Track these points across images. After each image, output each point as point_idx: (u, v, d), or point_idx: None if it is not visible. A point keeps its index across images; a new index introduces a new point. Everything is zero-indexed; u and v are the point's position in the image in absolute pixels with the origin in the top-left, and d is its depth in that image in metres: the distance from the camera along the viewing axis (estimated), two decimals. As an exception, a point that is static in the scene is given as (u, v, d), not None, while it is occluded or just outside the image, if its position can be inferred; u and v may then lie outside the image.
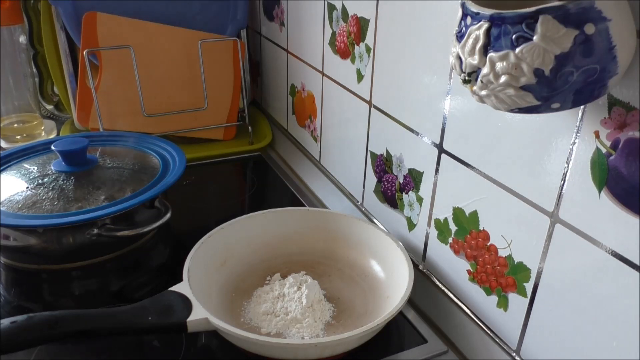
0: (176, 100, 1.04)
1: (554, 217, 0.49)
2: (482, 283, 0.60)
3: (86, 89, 0.99)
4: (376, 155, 0.78)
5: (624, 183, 0.42)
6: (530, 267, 0.53)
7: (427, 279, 0.70)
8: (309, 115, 0.99)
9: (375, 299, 0.68)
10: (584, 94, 0.38)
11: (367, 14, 0.74)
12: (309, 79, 0.96)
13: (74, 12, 0.97)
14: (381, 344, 0.62)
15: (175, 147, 0.86)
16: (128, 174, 0.79)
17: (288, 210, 0.78)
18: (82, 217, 0.69)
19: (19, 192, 0.74)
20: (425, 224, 0.69)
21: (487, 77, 0.39)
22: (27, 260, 0.73)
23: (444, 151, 0.63)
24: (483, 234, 0.59)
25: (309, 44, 0.94)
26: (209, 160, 1.06)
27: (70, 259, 0.73)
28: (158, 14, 1.02)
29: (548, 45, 0.36)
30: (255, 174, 1.07)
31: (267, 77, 1.18)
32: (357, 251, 0.75)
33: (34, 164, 0.80)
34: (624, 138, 0.42)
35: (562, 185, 0.48)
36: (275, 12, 1.06)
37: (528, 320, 0.55)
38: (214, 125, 1.09)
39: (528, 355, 0.55)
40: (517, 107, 0.40)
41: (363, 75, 0.77)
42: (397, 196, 0.74)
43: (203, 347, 0.62)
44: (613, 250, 0.44)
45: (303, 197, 0.95)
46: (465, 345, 0.64)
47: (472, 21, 0.39)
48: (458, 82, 0.50)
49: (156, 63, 1.01)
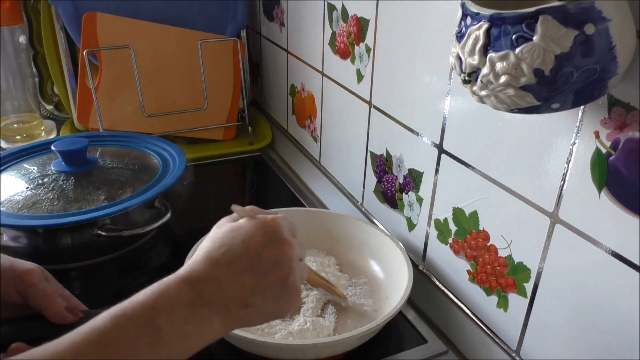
0: (176, 101, 1.04)
1: (554, 217, 0.49)
2: (482, 283, 0.60)
3: (86, 89, 0.99)
4: (376, 156, 0.78)
5: (624, 183, 0.42)
6: (530, 267, 0.53)
7: (427, 279, 0.70)
8: (309, 115, 0.99)
9: (375, 299, 0.68)
10: (584, 94, 0.38)
11: (367, 14, 0.74)
12: (309, 79, 0.96)
13: (74, 12, 0.97)
14: (381, 344, 0.62)
15: (175, 147, 0.86)
16: (128, 174, 0.79)
17: (288, 211, 0.78)
18: (82, 217, 0.69)
19: (19, 192, 0.74)
20: (425, 224, 0.69)
21: (487, 77, 0.39)
22: (27, 260, 0.73)
23: (444, 151, 0.63)
24: (483, 234, 0.59)
25: (309, 44, 0.94)
26: (209, 161, 1.06)
27: (70, 259, 0.73)
28: (158, 14, 1.02)
29: (548, 45, 0.36)
30: (255, 174, 1.07)
31: (267, 77, 1.18)
32: (356, 251, 0.75)
33: (34, 164, 0.80)
34: (624, 138, 0.42)
35: (562, 185, 0.48)
36: (275, 12, 1.06)
37: (528, 321, 0.55)
38: (214, 125, 1.09)
39: (528, 355, 0.55)
40: (517, 107, 0.40)
41: (363, 76, 0.77)
42: (397, 196, 0.74)
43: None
44: (613, 250, 0.44)
45: (303, 197, 0.95)
46: (465, 345, 0.64)
47: (472, 21, 0.39)
48: (458, 82, 0.50)
49: (156, 63, 1.01)
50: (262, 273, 0.43)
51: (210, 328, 0.41)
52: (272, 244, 0.44)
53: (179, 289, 0.41)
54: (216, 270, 0.42)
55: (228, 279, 0.42)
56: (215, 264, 0.43)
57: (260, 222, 0.45)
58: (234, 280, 0.42)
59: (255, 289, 0.43)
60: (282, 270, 0.44)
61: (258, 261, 0.43)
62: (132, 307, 0.39)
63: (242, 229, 0.45)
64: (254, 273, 0.43)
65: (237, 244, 0.44)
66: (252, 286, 0.43)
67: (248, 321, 0.44)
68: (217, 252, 0.43)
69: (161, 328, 0.38)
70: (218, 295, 0.42)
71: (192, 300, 0.41)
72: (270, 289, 0.44)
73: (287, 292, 0.45)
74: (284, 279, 0.44)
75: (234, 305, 0.42)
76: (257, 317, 0.44)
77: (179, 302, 0.40)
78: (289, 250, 0.45)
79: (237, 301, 0.42)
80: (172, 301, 0.40)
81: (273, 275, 0.44)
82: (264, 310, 0.44)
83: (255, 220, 0.46)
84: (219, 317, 0.42)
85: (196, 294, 0.41)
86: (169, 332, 0.39)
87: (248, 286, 0.43)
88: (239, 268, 0.43)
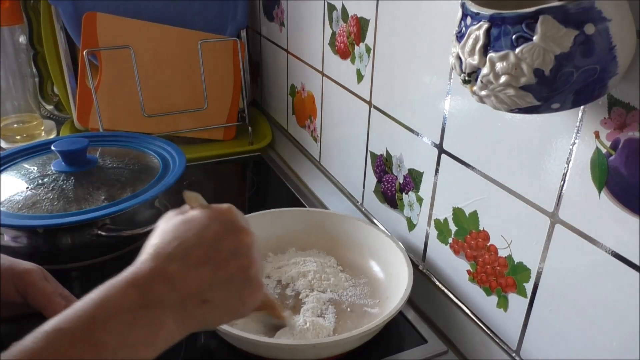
0: (176, 101, 1.04)
1: (554, 217, 0.49)
2: (482, 283, 0.60)
3: (86, 89, 0.99)
4: (376, 156, 0.78)
5: (624, 183, 0.42)
6: (530, 267, 0.53)
7: (427, 279, 0.70)
8: (309, 115, 0.99)
9: (375, 299, 0.68)
10: (584, 94, 0.38)
11: (367, 14, 0.74)
12: (309, 79, 0.96)
13: (74, 12, 0.97)
14: (381, 344, 0.62)
15: (175, 147, 0.86)
16: (128, 174, 0.79)
17: (288, 211, 0.78)
18: (82, 217, 0.69)
19: (19, 192, 0.74)
20: (425, 224, 0.69)
21: (487, 77, 0.39)
22: (27, 260, 0.73)
23: (444, 151, 0.63)
24: (483, 234, 0.59)
25: (309, 44, 0.94)
26: (209, 161, 1.06)
27: (70, 259, 0.73)
28: (158, 14, 1.02)
29: (548, 45, 0.36)
30: (255, 174, 1.07)
31: (267, 77, 1.18)
32: (356, 251, 0.75)
33: (34, 164, 0.80)
34: (623, 138, 0.42)
35: (562, 185, 0.48)
36: (275, 12, 1.06)
37: (528, 321, 0.55)
38: (214, 125, 1.09)
39: (528, 355, 0.55)
40: (517, 107, 0.40)
41: (363, 76, 0.77)
42: (397, 196, 0.74)
43: (202, 347, 0.62)
44: (613, 250, 0.44)
45: (303, 197, 0.95)
46: (465, 345, 0.64)
47: (472, 21, 0.39)
48: (458, 82, 0.50)
49: (156, 63, 1.01)
50: (221, 264, 0.40)
51: (164, 331, 0.38)
52: (229, 233, 0.41)
53: (122, 293, 0.37)
54: (167, 266, 0.39)
55: (182, 274, 0.39)
56: (165, 259, 0.39)
57: (215, 211, 0.42)
58: (189, 275, 0.39)
59: (214, 282, 0.39)
60: (242, 261, 0.41)
61: (215, 252, 0.40)
62: (68, 319, 0.34)
63: (195, 220, 0.41)
64: (211, 264, 0.40)
65: (191, 235, 0.40)
66: (210, 279, 0.39)
67: (208, 319, 0.41)
68: (167, 246, 0.40)
69: (104, 341, 0.34)
70: (170, 294, 0.38)
71: (139, 303, 0.37)
72: (231, 282, 0.40)
73: (249, 285, 0.41)
74: (244, 270, 0.41)
75: (190, 302, 0.39)
76: (218, 314, 0.41)
77: (123, 308, 0.36)
78: (248, 239, 0.42)
79: (194, 297, 0.39)
80: (115, 308, 0.36)
81: (232, 266, 0.40)
82: (225, 306, 0.41)
83: (208, 209, 0.42)
84: (173, 318, 0.38)
85: (142, 296, 0.37)
86: (113, 344, 0.35)
87: (205, 279, 0.39)
88: (194, 260, 0.39)
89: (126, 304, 0.37)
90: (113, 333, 0.35)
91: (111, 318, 0.36)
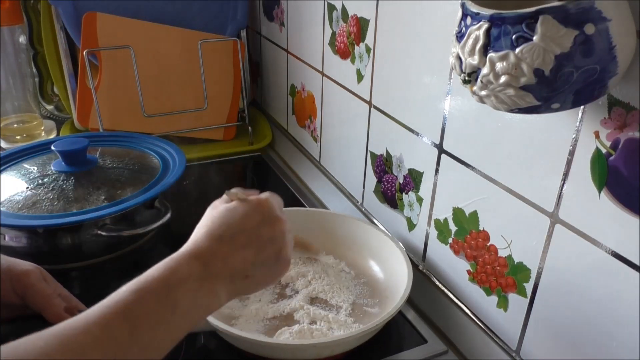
0: (176, 101, 1.04)
1: (554, 217, 0.49)
2: (482, 283, 0.60)
3: (86, 89, 0.99)
4: (376, 156, 0.78)
5: (624, 183, 0.42)
6: (530, 267, 0.53)
7: (427, 279, 0.70)
8: (309, 115, 0.99)
9: (375, 299, 0.68)
10: (584, 94, 0.38)
11: (367, 14, 0.74)
12: (309, 79, 0.96)
13: (74, 12, 0.97)
14: (381, 344, 0.62)
15: (175, 147, 0.86)
16: (128, 174, 0.79)
17: (288, 211, 0.78)
18: (82, 217, 0.69)
19: (19, 192, 0.74)
20: (425, 224, 0.69)
21: (487, 77, 0.39)
22: (27, 260, 0.73)
23: (444, 151, 0.63)
24: (483, 234, 0.59)
25: (309, 44, 0.94)
26: (209, 160, 1.06)
27: (70, 259, 0.73)
28: (158, 14, 1.02)
29: (548, 45, 0.36)
30: (255, 174, 1.07)
31: (267, 77, 1.18)
32: (356, 251, 0.75)
33: (34, 164, 0.80)
34: (624, 138, 0.42)
35: (562, 185, 0.48)
36: (275, 12, 1.06)
37: (528, 321, 0.55)
38: (214, 125, 1.09)
39: (528, 355, 0.55)
40: (517, 107, 0.40)
41: (363, 76, 0.77)
42: (397, 196, 0.74)
43: (202, 347, 0.62)
44: (613, 250, 0.44)
45: (303, 197, 0.95)
46: (465, 345, 0.64)
47: (472, 21, 0.39)
48: (458, 82, 0.50)
49: (156, 63, 1.01)
50: (260, 248, 0.47)
51: (216, 298, 0.44)
52: (267, 222, 0.48)
53: (188, 264, 0.43)
54: (220, 245, 0.46)
55: (231, 253, 0.46)
56: (218, 240, 0.46)
57: (255, 202, 0.49)
58: (236, 254, 0.46)
59: (255, 262, 0.47)
60: (277, 245, 0.49)
61: (256, 237, 0.47)
62: (149, 281, 0.41)
63: (238, 209, 0.48)
64: (253, 247, 0.47)
65: (236, 222, 0.47)
66: (252, 259, 0.46)
67: (247, 290, 0.48)
68: (218, 229, 0.46)
69: (178, 300, 0.41)
70: (224, 269, 0.45)
71: (202, 273, 0.43)
72: (267, 262, 0.48)
73: (280, 263, 0.49)
74: (278, 252, 0.49)
75: (237, 277, 0.46)
76: (254, 287, 0.49)
77: (192, 276, 0.43)
78: (282, 227, 0.49)
79: (240, 273, 0.46)
80: (184, 274, 0.42)
81: (269, 250, 0.48)
82: (262, 280, 0.49)
83: (249, 201, 0.49)
84: (224, 289, 0.45)
85: (204, 268, 0.44)
86: (184, 304, 0.41)
87: (249, 259, 0.46)
88: (240, 243, 0.46)
89: (193, 273, 0.43)
90: (186, 296, 0.42)
91: (182, 283, 0.42)
